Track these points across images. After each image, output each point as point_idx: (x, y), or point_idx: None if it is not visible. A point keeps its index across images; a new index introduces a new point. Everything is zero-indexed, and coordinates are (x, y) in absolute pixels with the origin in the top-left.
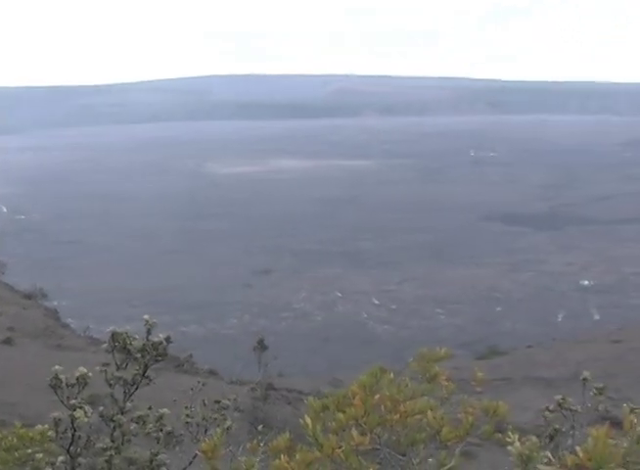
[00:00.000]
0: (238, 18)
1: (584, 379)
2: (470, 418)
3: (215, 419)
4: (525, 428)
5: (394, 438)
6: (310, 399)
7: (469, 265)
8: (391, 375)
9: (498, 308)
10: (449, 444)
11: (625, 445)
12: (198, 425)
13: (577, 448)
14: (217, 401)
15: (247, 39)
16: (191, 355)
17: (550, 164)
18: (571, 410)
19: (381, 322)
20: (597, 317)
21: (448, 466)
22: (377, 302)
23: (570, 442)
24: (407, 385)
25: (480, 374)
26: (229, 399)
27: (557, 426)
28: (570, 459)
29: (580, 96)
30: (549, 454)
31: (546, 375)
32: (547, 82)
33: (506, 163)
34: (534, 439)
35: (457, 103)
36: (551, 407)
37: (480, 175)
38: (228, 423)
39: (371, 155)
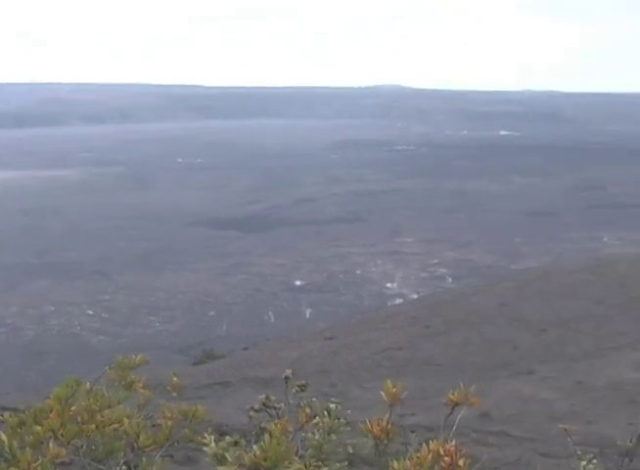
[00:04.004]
0: None
1: (286, 377)
2: (169, 423)
3: None
4: (243, 429)
5: (93, 447)
6: (6, 415)
7: (179, 271)
8: (88, 385)
9: (211, 313)
10: (147, 450)
11: (317, 437)
12: None
13: (254, 447)
14: None
15: None
16: None
17: (258, 167)
18: (275, 408)
19: (95, 333)
20: (308, 315)
21: None
22: (90, 312)
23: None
24: (104, 394)
25: (175, 379)
26: None
27: (262, 425)
28: (247, 458)
29: (282, 101)
30: (226, 454)
31: (263, 375)
32: (249, 88)
33: (213, 168)
34: (228, 439)
35: (161, 109)
36: (256, 407)
37: (188, 181)
38: None
39: (76, 163)
